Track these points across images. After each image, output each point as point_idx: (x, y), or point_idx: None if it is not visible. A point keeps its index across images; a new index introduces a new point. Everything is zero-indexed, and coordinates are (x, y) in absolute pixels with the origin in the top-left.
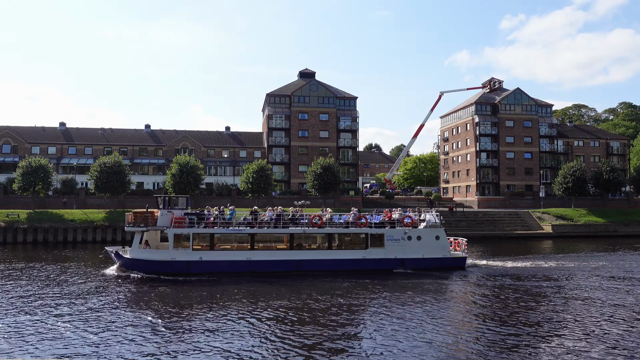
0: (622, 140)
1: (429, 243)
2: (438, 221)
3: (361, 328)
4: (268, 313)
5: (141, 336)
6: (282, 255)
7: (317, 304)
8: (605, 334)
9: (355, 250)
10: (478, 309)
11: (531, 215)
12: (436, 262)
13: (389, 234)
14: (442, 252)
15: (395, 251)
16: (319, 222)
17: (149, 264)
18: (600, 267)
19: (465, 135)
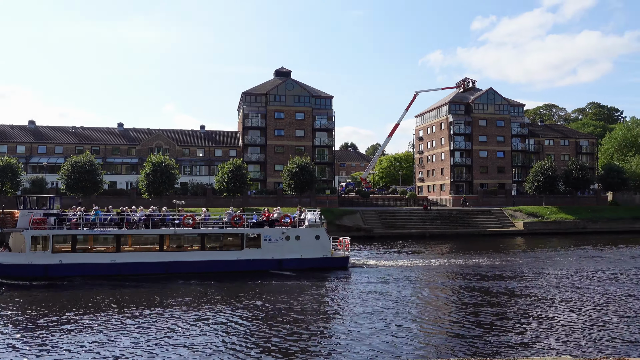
0: (590, 140)
1: (308, 243)
2: (319, 220)
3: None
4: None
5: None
6: (150, 257)
7: (164, 309)
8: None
9: (230, 251)
10: (327, 307)
11: (504, 212)
12: (316, 262)
13: (266, 234)
14: (323, 252)
15: (272, 252)
16: (192, 222)
17: (2, 268)
18: (519, 264)
19: (439, 134)
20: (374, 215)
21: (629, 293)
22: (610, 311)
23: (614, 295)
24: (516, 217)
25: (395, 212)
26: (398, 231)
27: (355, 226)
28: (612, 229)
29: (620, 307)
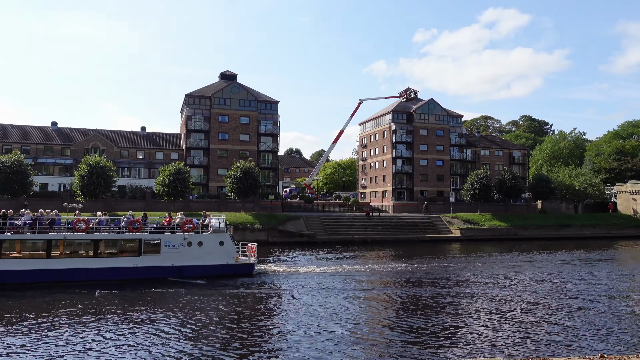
0: (522, 151)
1: (212, 249)
2: (224, 226)
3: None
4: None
5: None
6: (37, 264)
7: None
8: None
9: (127, 257)
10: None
11: (442, 219)
12: (220, 269)
13: (166, 239)
14: (227, 258)
15: (172, 258)
16: (84, 227)
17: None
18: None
19: (382, 142)
20: (317, 221)
21: (554, 297)
22: (536, 314)
23: (540, 298)
24: (453, 224)
25: (338, 218)
26: (341, 237)
27: (298, 232)
28: (540, 236)
29: (547, 310)
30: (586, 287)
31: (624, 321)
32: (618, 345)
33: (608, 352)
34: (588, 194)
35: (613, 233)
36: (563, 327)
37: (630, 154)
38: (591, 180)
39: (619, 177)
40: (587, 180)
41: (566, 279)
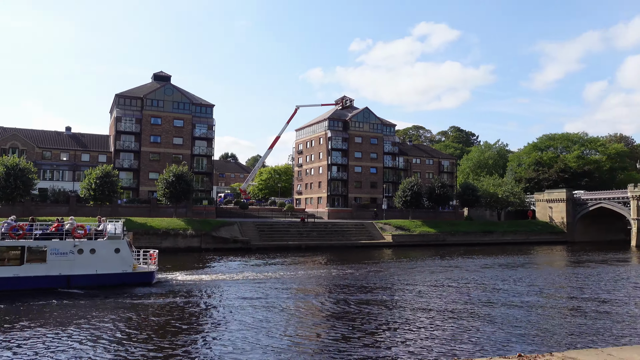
0: (451, 160)
1: (106, 257)
2: (120, 232)
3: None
4: None
5: None
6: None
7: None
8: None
9: (6, 267)
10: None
11: (374, 225)
12: (114, 279)
13: (53, 247)
14: (123, 266)
15: (60, 267)
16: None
17: None
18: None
19: (318, 148)
20: (252, 227)
21: (476, 300)
22: (459, 317)
23: (463, 302)
24: (386, 230)
25: (273, 224)
26: (275, 243)
27: (232, 238)
28: (466, 242)
29: (468, 313)
30: (506, 290)
31: (540, 322)
32: (535, 344)
33: (525, 351)
34: (510, 202)
35: (532, 239)
36: (484, 329)
37: (547, 164)
38: (513, 189)
39: (537, 187)
40: (509, 189)
41: (488, 282)
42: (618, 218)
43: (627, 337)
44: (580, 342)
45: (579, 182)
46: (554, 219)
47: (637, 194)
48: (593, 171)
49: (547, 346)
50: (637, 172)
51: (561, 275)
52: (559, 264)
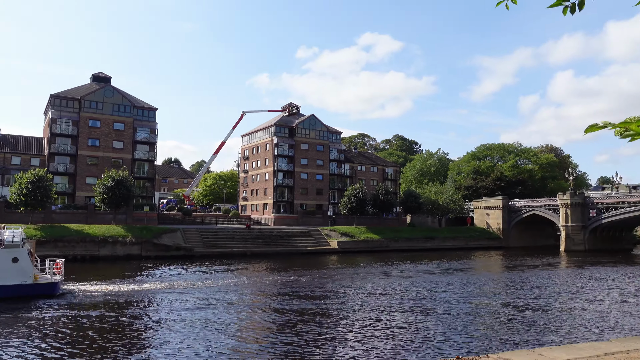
0: (394, 168)
1: (2, 267)
2: (19, 240)
3: None
4: None
5: None
6: None
7: None
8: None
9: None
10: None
11: (320, 232)
12: (11, 290)
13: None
14: (22, 277)
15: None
16: None
17: None
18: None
19: (264, 155)
20: (196, 234)
21: (416, 304)
22: (400, 321)
23: (404, 306)
24: (331, 237)
25: (217, 231)
26: (220, 250)
27: (175, 245)
28: (409, 247)
29: (409, 317)
30: (445, 295)
31: (477, 325)
32: (472, 346)
33: (463, 354)
34: (450, 209)
35: (470, 244)
36: (423, 334)
37: (485, 173)
38: (453, 197)
39: (475, 194)
40: (449, 197)
41: (428, 288)
42: (549, 224)
43: (556, 337)
44: (514, 343)
45: (514, 190)
46: (491, 225)
47: (566, 201)
48: (527, 180)
49: (484, 348)
50: (566, 181)
51: (497, 280)
52: (495, 269)
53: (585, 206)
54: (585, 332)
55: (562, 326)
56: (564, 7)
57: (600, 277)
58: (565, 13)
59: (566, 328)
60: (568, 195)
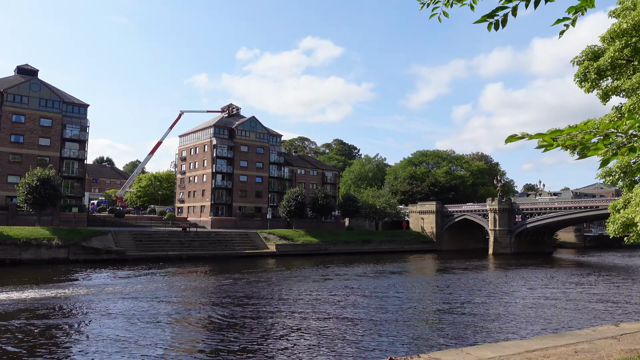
0: (334, 172)
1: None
2: None
3: None
4: None
5: None
6: None
7: None
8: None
9: None
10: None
11: (259, 235)
12: None
13: None
14: None
15: None
16: None
17: None
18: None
19: (202, 156)
20: (128, 237)
21: (350, 307)
22: (334, 324)
23: (339, 309)
24: (270, 240)
25: (152, 234)
26: (154, 253)
27: (105, 248)
28: (347, 251)
29: (343, 319)
30: (379, 297)
31: (410, 326)
32: (405, 347)
33: (396, 354)
34: (387, 213)
35: (405, 248)
36: (357, 336)
37: (420, 178)
38: (390, 201)
39: (411, 199)
40: (386, 201)
41: (363, 290)
42: (479, 228)
43: (483, 336)
44: (445, 343)
45: (447, 195)
46: (425, 229)
47: (494, 207)
48: (459, 185)
49: (416, 349)
50: (495, 187)
51: (429, 282)
52: (428, 272)
53: (512, 211)
54: (509, 331)
55: (489, 326)
56: (488, 24)
57: (523, 279)
58: (490, 29)
59: (492, 328)
60: (496, 201)
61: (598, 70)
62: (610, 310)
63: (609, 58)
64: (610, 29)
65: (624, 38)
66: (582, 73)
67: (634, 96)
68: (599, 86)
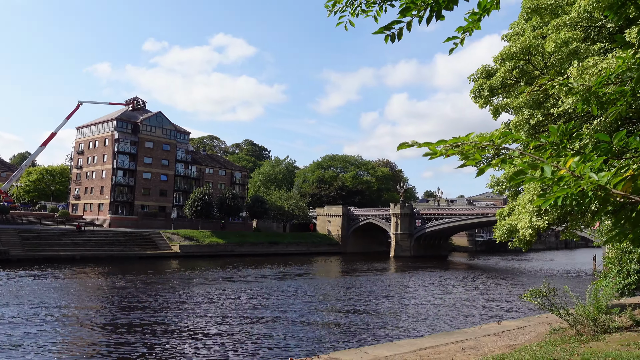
0: (243, 172)
1: None
2: None
3: None
4: None
5: None
6: None
7: None
8: None
9: None
10: None
11: (162, 235)
12: None
13: None
14: None
15: None
16: None
17: None
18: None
19: (103, 150)
20: (14, 235)
21: (251, 309)
22: (237, 326)
23: (242, 312)
24: (173, 240)
25: (41, 232)
26: (44, 253)
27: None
28: (254, 252)
29: (244, 321)
30: (282, 299)
31: (311, 327)
32: (306, 348)
33: (296, 356)
34: (295, 215)
35: (312, 250)
36: (259, 338)
37: (328, 182)
38: (298, 203)
39: (319, 202)
40: (295, 203)
41: (266, 293)
42: (382, 232)
43: (381, 335)
44: (344, 344)
45: (354, 199)
46: (331, 231)
47: (397, 212)
48: (365, 190)
49: (316, 350)
50: (398, 193)
51: (333, 284)
52: (332, 274)
53: (413, 216)
54: (405, 331)
55: (387, 326)
56: (385, 35)
57: (420, 281)
58: (387, 41)
59: (390, 327)
60: (399, 206)
61: (490, 88)
62: (495, 309)
63: (500, 78)
64: (502, 51)
65: (513, 60)
66: (477, 90)
67: (520, 114)
68: (491, 103)
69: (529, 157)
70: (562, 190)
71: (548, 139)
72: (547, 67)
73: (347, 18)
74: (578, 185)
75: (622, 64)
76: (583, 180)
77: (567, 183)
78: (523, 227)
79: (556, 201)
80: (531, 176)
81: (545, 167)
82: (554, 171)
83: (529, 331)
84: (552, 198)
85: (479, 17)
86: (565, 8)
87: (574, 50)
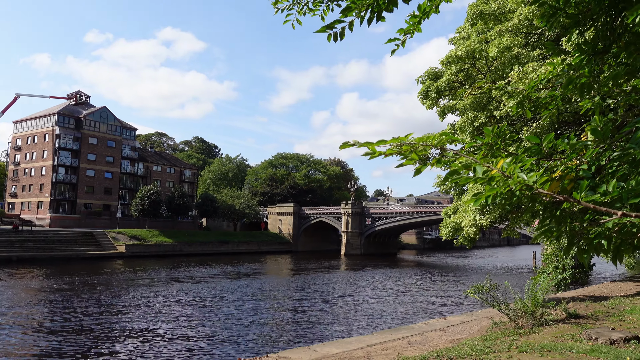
0: (193, 170)
1: None
2: None
3: None
4: None
5: None
6: None
7: None
8: None
9: None
10: None
11: (106, 235)
12: None
13: None
14: None
15: None
16: None
17: None
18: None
19: (42, 146)
20: None
21: (196, 311)
22: (180, 328)
23: (186, 313)
24: (119, 240)
25: None
26: None
27: None
28: (203, 252)
29: (188, 323)
30: (231, 299)
31: (260, 327)
32: (254, 348)
33: (245, 355)
34: (246, 214)
35: (263, 249)
36: (207, 339)
37: (280, 180)
38: (249, 202)
39: (270, 200)
40: (246, 202)
41: (214, 292)
42: (333, 230)
43: (330, 333)
44: (293, 342)
45: (305, 198)
46: (282, 230)
47: (347, 210)
48: (316, 189)
49: (265, 349)
50: (348, 192)
51: (283, 283)
52: (283, 273)
53: (363, 215)
54: (354, 328)
55: (335, 324)
56: (328, 35)
57: (370, 279)
58: (330, 40)
59: (339, 325)
60: (349, 205)
61: (437, 90)
62: (441, 305)
63: (446, 80)
64: (448, 54)
65: (459, 64)
66: (424, 91)
67: (465, 116)
68: (438, 104)
69: (464, 158)
70: (492, 189)
71: (483, 140)
72: (490, 71)
73: (294, 16)
74: (507, 185)
75: (552, 69)
76: (511, 180)
77: (497, 183)
78: (467, 225)
79: (486, 200)
80: (465, 176)
81: (477, 167)
82: (486, 171)
83: (472, 325)
84: (482, 197)
85: (419, 20)
86: (508, 15)
87: (515, 55)
